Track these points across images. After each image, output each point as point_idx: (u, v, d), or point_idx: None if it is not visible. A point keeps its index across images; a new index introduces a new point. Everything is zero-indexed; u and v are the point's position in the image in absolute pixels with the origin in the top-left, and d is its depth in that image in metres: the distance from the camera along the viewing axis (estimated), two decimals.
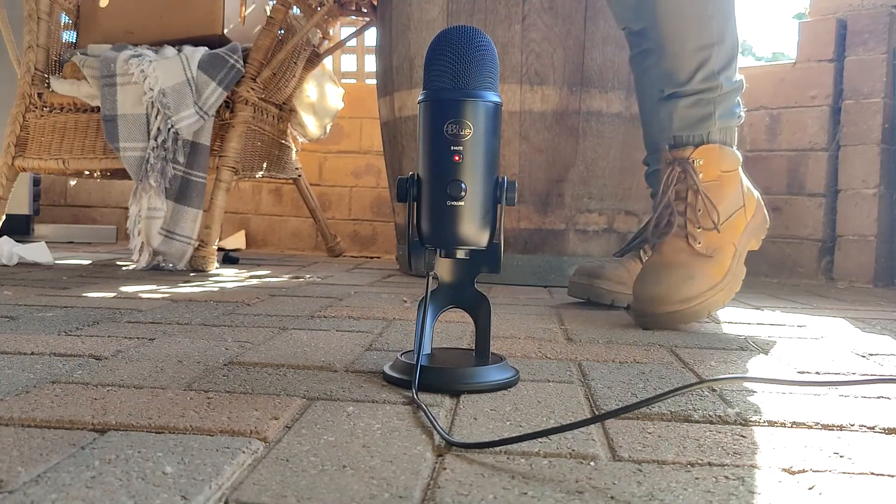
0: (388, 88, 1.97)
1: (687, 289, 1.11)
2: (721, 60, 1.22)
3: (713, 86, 1.22)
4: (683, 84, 1.22)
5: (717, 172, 1.20)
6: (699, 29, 1.21)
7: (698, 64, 1.21)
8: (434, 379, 0.70)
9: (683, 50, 1.22)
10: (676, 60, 1.22)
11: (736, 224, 1.20)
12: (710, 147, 1.21)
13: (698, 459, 0.53)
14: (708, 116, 1.22)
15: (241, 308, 1.21)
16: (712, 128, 1.22)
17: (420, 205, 0.73)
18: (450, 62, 0.71)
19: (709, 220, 1.16)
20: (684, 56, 1.21)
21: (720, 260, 1.16)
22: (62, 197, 3.18)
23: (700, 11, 1.21)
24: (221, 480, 0.46)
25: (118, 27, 2.06)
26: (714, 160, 1.20)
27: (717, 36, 1.21)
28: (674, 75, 1.23)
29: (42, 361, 0.77)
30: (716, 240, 1.17)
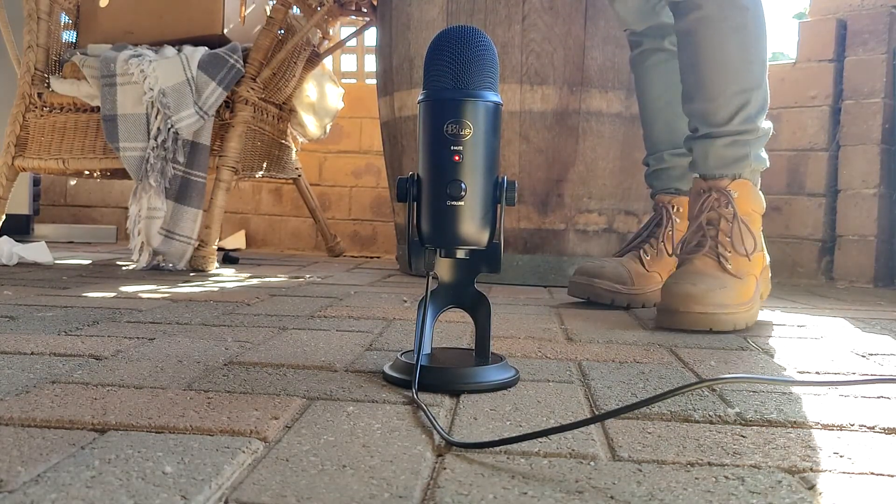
0: (388, 88, 1.97)
1: (722, 295, 1.12)
2: (758, 104, 1.25)
3: (751, 128, 1.24)
4: (722, 125, 1.24)
5: (748, 209, 1.23)
6: (741, 73, 1.23)
7: (738, 107, 1.23)
8: (434, 379, 0.70)
9: (724, 93, 1.24)
10: (715, 102, 1.24)
11: (757, 261, 1.22)
12: (746, 183, 1.24)
13: (698, 459, 0.53)
14: (744, 157, 1.24)
15: (240, 308, 1.21)
16: (746, 168, 1.25)
17: (420, 205, 0.73)
18: (450, 62, 0.71)
19: (741, 247, 1.19)
20: (725, 98, 1.24)
21: (748, 283, 1.17)
22: (62, 197, 3.18)
23: (742, 57, 1.23)
24: (221, 480, 0.46)
25: (118, 27, 2.06)
26: (747, 197, 1.23)
27: (757, 81, 1.25)
28: (711, 116, 1.25)
29: (42, 361, 0.77)
30: (744, 265, 1.18)
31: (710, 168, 1.25)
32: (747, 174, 1.25)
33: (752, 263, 1.20)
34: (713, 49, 1.24)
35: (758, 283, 1.21)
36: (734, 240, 1.19)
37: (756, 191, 1.26)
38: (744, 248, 1.19)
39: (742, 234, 1.19)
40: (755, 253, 1.20)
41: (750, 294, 1.16)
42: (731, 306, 1.12)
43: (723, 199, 1.21)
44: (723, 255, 1.18)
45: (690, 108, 1.28)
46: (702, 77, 1.25)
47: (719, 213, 1.20)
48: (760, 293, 1.24)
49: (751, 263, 1.19)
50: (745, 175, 1.24)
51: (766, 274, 1.28)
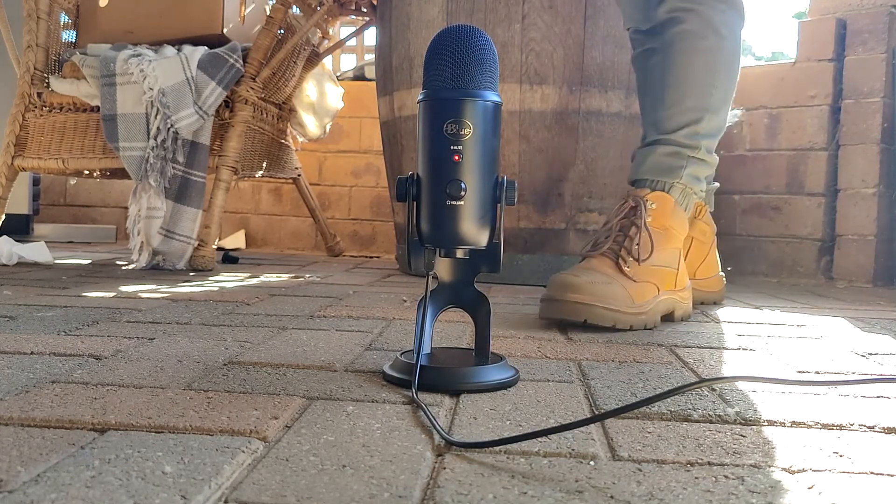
0: (387, 88, 1.97)
1: (605, 290, 1.09)
2: (709, 128, 1.27)
3: (693, 144, 1.25)
4: (668, 133, 1.26)
5: (664, 223, 1.21)
6: (701, 91, 1.26)
7: (689, 121, 1.25)
8: (434, 378, 0.70)
9: (681, 103, 1.26)
10: (669, 111, 1.26)
11: (664, 277, 1.19)
12: (667, 198, 1.23)
13: (698, 459, 0.53)
14: (677, 169, 1.25)
15: (240, 308, 1.21)
16: (676, 182, 1.24)
17: (420, 204, 0.73)
18: (449, 61, 0.71)
19: (639, 253, 1.16)
20: (679, 109, 1.26)
21: (643, 288, 1.14)
22: (62, 196, 3.18)
23: (708, 77, 1.26)
24: (221, 480, 0.46)
25: (118, 27, 2.06)
26: (666, 211, 1.22)
27: (715, 105, 1.27)
28: (661, 123, 1.27)
29: (42, 361, 0.77)
30: (641, 272, 1.16)
31: (641, 173, 1.25)
32: (676, 191, 1.24)
33: (649, 271, 1.16)
34: (681, 62, 1.26)
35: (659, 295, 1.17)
36: (635, 245, 1.16)
37: (679, 211, 1.24)
38: (638, 253, 1.16)
39: (644, 242, 1.17)
40: (651, 261, 1.16)
41: (643, 299, 1.13)
42: (612, 302, 1.09)
43: (638, 208, 1.19)
44: (621, 257, 1.16)
45: (648, 118, 1.30)
46: (664, 87, 1.28)
47: (631, 221, 1.19)
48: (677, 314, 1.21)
49: (648, 270, 1.16)
50: (674, 191, 1.24)
51: (685, 295, 1.24)
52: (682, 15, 1.26)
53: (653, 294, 1.16)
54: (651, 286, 1.16)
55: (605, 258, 1.17)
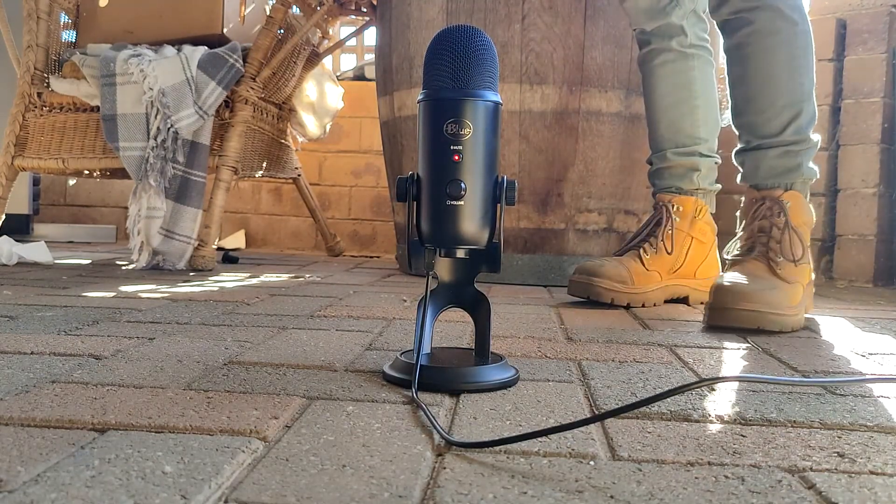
0: (387, 88, 1.97)
1: (771, 296, 1.12)
2: (809, 115, 1.27)
3: (802, 139, 1.26)
4: (773, 136, 1.26)
5: (800, 220, 1.23)
6: (791, 86, 1.25)
7: (790, 118, 1.25)
8: (434, 378, 0.70)
9: (775, 105, 1.25)
10: (766, 114, 1.26)
11: (805, 271, 1.22)
12: (798, 195, 1.24)
13: (698, 459, 0.53)
14: (796, 168, 1.25)
15: (240, 307, 1.21)
16: (798, 179, 1.25)
17: (420, 204, 0.73)
18: (449, 62, 0.71)
19: (790, 254, 1.19)
20: (775, 111, 1.26)
21: (796, 289, 1.17)
22: (62, 196, 3.18)
23: (792, 70, 1.25)
24: (221, 480, 0.46)
25: (118, 27, 2.06)
26: (799, 208, 1.24)
27: (807, 93, 1.26)
28: (761, 127, 1.27)
29: (42, 361, 0.77)
30: (793, 272, 1.18)
31: (762, 178, 1.26)
32: (798, 185, 1.25)
33: (799, 271, 1.20)
34: (763, 62, 1.26)
35: (804, 293, 1.20)
36: (783, 246, 1.19)
37: (807, 203, 1.26)
38: (792, 255, 1.19)
39: (792, 242, 1.20)
40: (802, 262, 1.20)
41: (798, 300, 1.16)
42: (779, 308, 1.11)
43: (775, 209, 1.22)
44: (773, 260, 1.18)
45: (740, 121, 1.30)
46: (751, 90, 1.27)
47: (771, 223, 1.21)
48: (805, 307, 1.22)
49: (798, 271, 1.19)
50: (797, 186, 1.25)
51: (811, 289, 1.27)
52: (748, 15, 1.25)
53: (801, 293, 1.19)
54: (799, 286, 1.19)
55: (758, 262, 1.19)
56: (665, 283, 1.42)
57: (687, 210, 1.44)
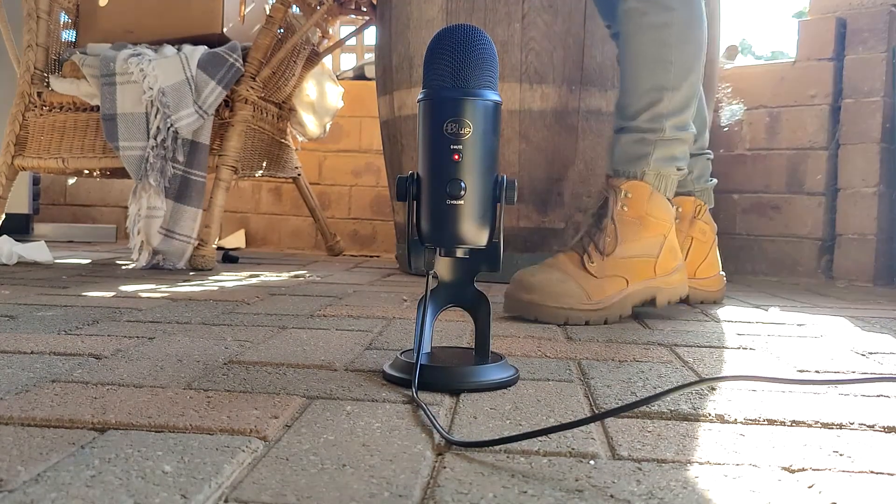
0: (387, 87, 1.97)
1: (558, 289, 1.13)
2: (672, 106, 1.22)
3: (656, 128, 1.22)
4: (630, 120, 1.23)
5: (641, 212, 1.20)
6: (655, 71, 1.22)
7: (647, 104, 1.22)
8: (434, 378, 0.70)
9: (637, 88, 1.23)
10: (629, 97, 1.24)
11: (638, 267, 1.19)
12: (641, 185, 1.21)
13: (698, 458, 0.53)
14: (645, 156, 1.22)
15: (240, 307, 1.21)
16: (647, 168, 1.22)
17: (419, 204, 0.73)
18: (449, 61, 0.71)
19: (603, 246, 1.17)
20: (636, 94, 1.23)
21: (603, 285, 1.16)
22: (62, 196, 3.18)
23: (661, 55, 1.22)
24: (221, 479, 0.46)
25: (117, 26, 2.06)
26: (641, 199, 1.20)
27: (674, 82, 1.22)
28: (625, 110, 1.25)
29: (42, 360, 0.77)
30: (607, 267, 1.17)
31: (614, 163, 1.24)
32: (650, 176, 1.21)
33: (618, 266, 1.17)
34: (632, 43, 1.24)
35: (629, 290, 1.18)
36: (603, 238, 1.17)
37: (658, 197, 1.22)
38: (605, 247, 1.17)
39: (609, 235, 1.17)
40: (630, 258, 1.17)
41: (602, 295, 1.15)
42: (564, 300, 1.12)
43: (612, 198, 1.19)
44: (588, 252, 1.17)
45: (616, 102, 1.28)
46: (623, 70, 1.26)
47: (606, 211, 1.19)
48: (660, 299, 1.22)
49: (617, 265, 1.17)
50: (648, 177, 1.21)
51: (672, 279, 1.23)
52: None
53: (619, 288, 1.17)
54: (617, 280, 1.17)
55: (573, 253, 1.19)
56: None
57: (686, 211, 1.43)
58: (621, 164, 1.23)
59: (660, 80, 1.22)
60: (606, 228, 1.18)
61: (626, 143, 1.23)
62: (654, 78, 1.22)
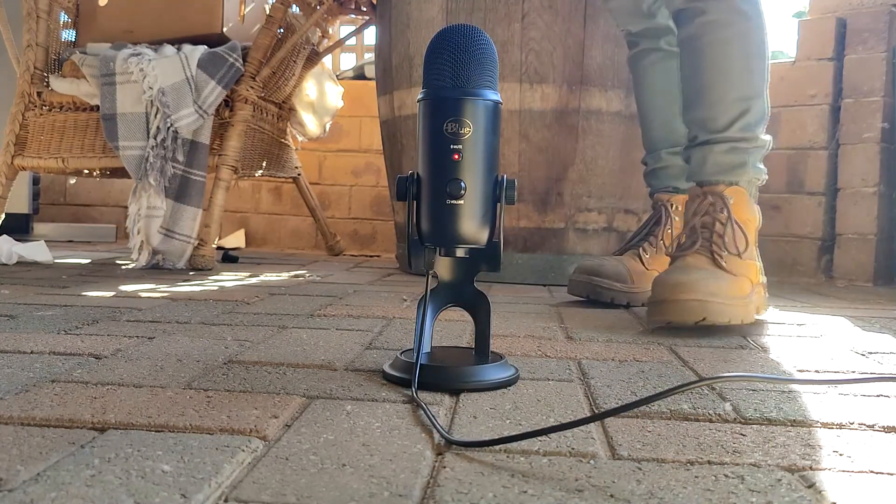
0: (387, 87, 1.97)
1: (714, 286, 1.07)
2: (758, 113, 1.24)
3: (750, 136, 1.23)
4: (721, 131, 1.23)
5: (743, 217, 1.20)
6: (742, 81, 1.23)
7: (739, 113, 1.22)
8: (434, 377, 0.70)
9: (725, 99, 1.23)
10: (715, 108, 1.24)
11: (752, 267, 1.18)
12: (742, 191, 1.21)
13: (698, 458, 0.53)
14: (742, 165, 1.23)
15: (240, 307, 1.21)
16: (743, 177, 1.23)
17: (420, 203, 0.73)
18: (449, 61, 0.71)
19: (734, 247, 1.15)
20: (725, 105, 1.23)
21: (741, 281, 1.13)
22: (62, 196, 3.18)
23: (744, 65, 1.23)
24: (221, 479, 0.46)
25: (117, 26, 2.06)
26: (742, 205, 1.21)
27: (757, 90, 1.24)
28: (710, 122, 1.24)
29: (41, 360, 0.77)
30: (738, 266, 1.15)
31: (707, 174, 1.23)
32: (744, 183, 1.23)
33: (745, 266, 1.16)
34: (716, 54, 1.24)
35: (753, 289, 1.17)
36: (727, 240, 1.15)
37: (752, 203, 1.24)
38: (736, 247, 1.15)
39: (735, 235, 1.16)
40: (747, 254, 1.16)
41: (745, 292, 1.13)
42: (723, 296, 1.07)
43: (718, 204, 1.19)
44: (717, 253, 1.14)
45: (691, 116, 1.28)
46: (703, 83, 1.25)
47: (713, 217, 1.18)
48: (756, 306, 1.19)
49: (744, 265, 1.16)
50: (742, 184, 1.22)
51: (762, 291, 1.23)
52: (701, 4, 1.24)
53: (748, 286, 1.15)
54: (746, 279, 1.15)
55: (700, 255, 1.15)
56: None
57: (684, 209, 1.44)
58: (718, 175, 1.22)
59: (747, 90, 1.23)
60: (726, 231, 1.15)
61: (720, 154, 1.23)
62: (741, 89, 1.23)
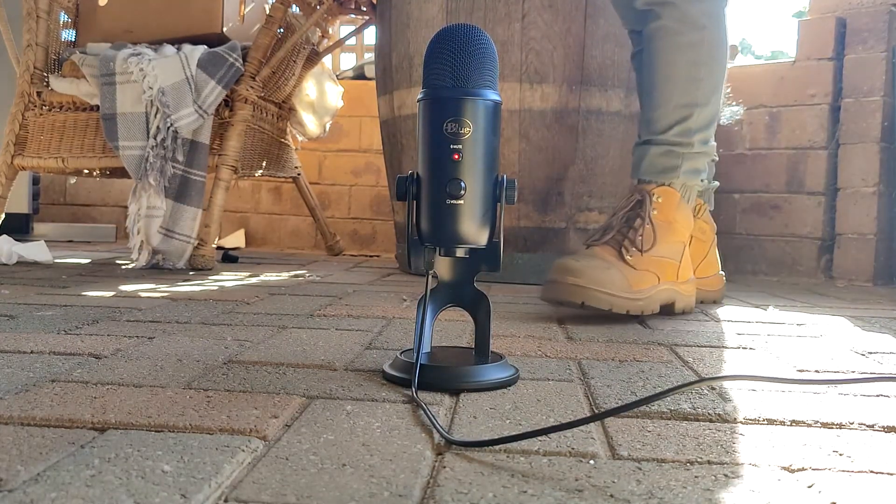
0: (387, 87, 1.97)
1: (603, 275, 1.13)
2: (700, 121, 1.28)
3: (686, 142, 1.27)
4: (659, 133, 1.28)
5: (669, 217, 1.24)
6: (687, 88, 1.27)
7: (678, 119, 1.27)
8: (434, 377, 0.70)
9: (668, 103, 1.28)
10: (658, 111, 1.28)
11: (666, 267, 1.23)
12: (672, 191, 1.26)
13: (697, 458, 0.53)
14: (674, 168, 1.27)
15: (240, 307, 1.21)
16: (675, 179, 1.27)
17: (419, 203, 0.73)
18: (449, 60, 0.71)
19: (641, 243, 1.20)
20: (667, 108, 1.28)
21: (642, 276, 1.18)
22: (61, 195, 3.18)
23: (692, 73, 1.27)
24: (221, 479, 0.46)
25: (117, 26, 2.06)
26: (671, 205, 1.25)
27: (703, 98, 1.28)
28: (652, 124, 1.29)
29: (41, 360, 0.77)
30: (643, 262, 1.19)
31: (642, 173, 1.28)
32: (677, 186, 1.26)
33: (651, 264, 1.20)
34: (664, 60, 1.28)
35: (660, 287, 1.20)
36: (637, 236, 1.20)
37: (683, 205, 1.27)
38: (642, 244, 1.19)
39: (647, 234, 1.20)
40: (653, 252, 1.20)
41: (641, 286, 1.17)
42: (609, 286, 1.12)
43: (644, 202, 1.23)
44: (624, 247, 1.19)
45: (641, 115, 1.32)
46: (651, 86, 1.30)
47: (636, 213, 1.22)
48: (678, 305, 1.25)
49: (651, 262, 1.20)
50: (675, 186, 1.26)
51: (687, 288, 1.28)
52: (657, 9, 1.27)
53: (652, 283, 1.19)
54: (651, 275, 1.19)
55: (608, 247, 1.20)
56: None
57: None
58: (650, 175, 1.27)
59: (691, 97, 1.27)
60: (643, 227, 1.21)
61: (655, 156, 1.28)
62: (685, 95, 1.27)
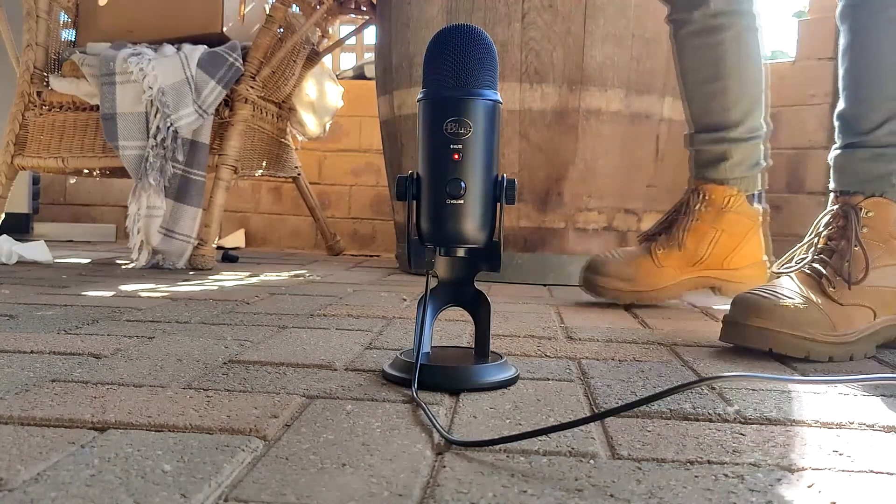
0: (387, 87, 1.97)
1: (797, 314, 0.91)
2: None
3: None
4: (865, 134, 1.06)
5: (885, 234, 1.01)
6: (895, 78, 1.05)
7: (888, 115, 1.04)
8: (434, 377, 0.70)
9: (876, 97, 1.05)
10: (863, 107, 1.07)
11: (887, 298, 0.99)
12: (886, 202, 1.02)
13: (698, 457, 0.53)
14: (885, 175, 1.03)
15: (240, 306, 1.21)
16: (888, 187, 1.03)
17: (419, 203, 0.73)
18: (449, 60, 0.71)
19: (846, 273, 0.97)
20: (874, 104, 1.06)
21: (850, 313, 0.95)
22: (61, 195, 3.18)
23: None
24: (221, 479, 0.46)
25: (117, 25, 2.06)
26: (887, 219, 1.02)
27: None
28: (856, 123, 1.07)
29: (41, 360, 0.77)
30: (852, 295, 0.96)
31: (844, 184, 1.06)
32: (891, 193, 1.03)
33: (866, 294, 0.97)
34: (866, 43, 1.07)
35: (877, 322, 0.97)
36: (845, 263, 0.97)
37: None
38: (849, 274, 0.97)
39: (856, 259, 0.97)
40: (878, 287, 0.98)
41: (849, 325, 0.94)
42: (804, 330, 0.91)
43: (849, 219, 1.01)
44: (827, 277, 0.97)
45: (838, 112, 1.11)
46: (853, 78, 1.08)
47: (842, 234, 1.00)
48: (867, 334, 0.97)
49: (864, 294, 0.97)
50: (890, 194, 1.03)
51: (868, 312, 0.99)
52: None
53: (864, 319, 0.96)
54: (864, 310, 0.97)
55: (804, 275, 0.99)
56: (684, 276, 1.37)
57: (715, 200, 1.35)
58: (856, 186, 1.04)
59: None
60: (850, 252, 0.98)
61: (861, 161, 1.05)
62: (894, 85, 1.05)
